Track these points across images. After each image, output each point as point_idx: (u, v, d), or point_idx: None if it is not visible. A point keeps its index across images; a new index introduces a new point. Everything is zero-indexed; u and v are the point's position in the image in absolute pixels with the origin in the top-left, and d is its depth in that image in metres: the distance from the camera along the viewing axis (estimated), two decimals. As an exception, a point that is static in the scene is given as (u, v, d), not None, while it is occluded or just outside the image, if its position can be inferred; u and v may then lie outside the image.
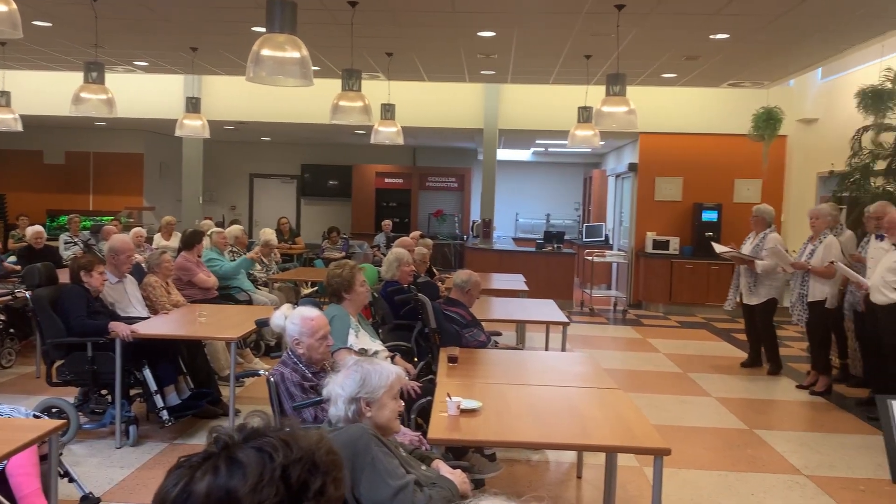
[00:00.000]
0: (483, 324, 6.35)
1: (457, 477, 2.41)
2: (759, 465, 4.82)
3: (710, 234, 11.35)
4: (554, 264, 11.74)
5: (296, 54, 4.48)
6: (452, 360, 4.09)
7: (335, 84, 7.14)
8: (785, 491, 4.37)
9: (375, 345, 4.05)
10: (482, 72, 9.94)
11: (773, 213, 7.67)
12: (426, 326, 4.97)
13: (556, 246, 12.20)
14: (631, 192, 12.46)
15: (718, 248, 7.98)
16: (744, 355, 7.99)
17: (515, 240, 15.56)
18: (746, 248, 7.55)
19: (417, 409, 3.80)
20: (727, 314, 10.49)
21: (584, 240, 14.47)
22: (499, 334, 5.60)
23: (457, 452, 3.92)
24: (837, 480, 4.58)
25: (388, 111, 8.76)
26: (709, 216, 11.54)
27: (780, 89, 10.90)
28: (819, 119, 10.79)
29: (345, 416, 2.32)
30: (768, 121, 9.68)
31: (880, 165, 7.31)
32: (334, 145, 16.55)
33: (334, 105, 6.83)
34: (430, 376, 4.31)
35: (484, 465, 4.02)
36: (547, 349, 7.19)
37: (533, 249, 12.20)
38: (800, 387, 6.92)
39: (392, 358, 4.26)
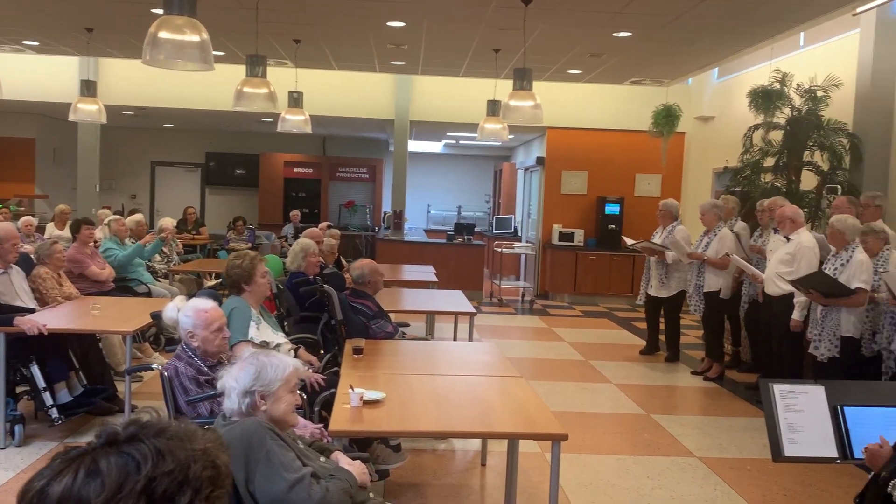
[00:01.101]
0: (393, 315, 6.35)
1: (356, 468, 2.39)
2: (654, 448, 5.03)
3: (613, 226, 11.71)
4: (464, 256, 11.85)
5: (195, 38, 4.32)
6: (357, 351, 4.06)
7: (241, 70, 6.95)
8: (678, 473, 4.58)
9: (278, 337, 3.98)
10: (392, 62, 9.90)
11: (678, 206, 7.99)
12: (332, 318, 4.92)
13: (466, 237, 12.31)
14: (539, 186, 12.70)
15: (630, 241, 8.21)
16: (643, 343, 8.29)
17: (427, 231, 15.61)
18: (656, 241, 7.80)
19: (321, 401, 3.76)
20: (639, 307, 10.88)
21: (494, 231, 14.67)
22: (407, 325, 5.60)
23: (361, 444, 3.91)
24: (727, 461, 4.83)
25: (295, 99, 8.60)
26: (611, 209, 11.90)
27: (679, 88, 11.34)
28: (715, 117, 11.30)
29: (238, 410, 2.27)
30: (667, 118, 10.06)
31: (769, 162, 7.72)
32: (241, 133, 16.13)
33: (238, 91, 6.64)
34: (336, 368, 4.27)
35: (389, 455, 4.02)
36: (455, 339, 7.25)
37: (444, 241, 12.27)
38: (694, 373, 7.25)
39: (295, 350, 4.19)
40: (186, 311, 3.11)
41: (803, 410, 3.04)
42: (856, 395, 3.02)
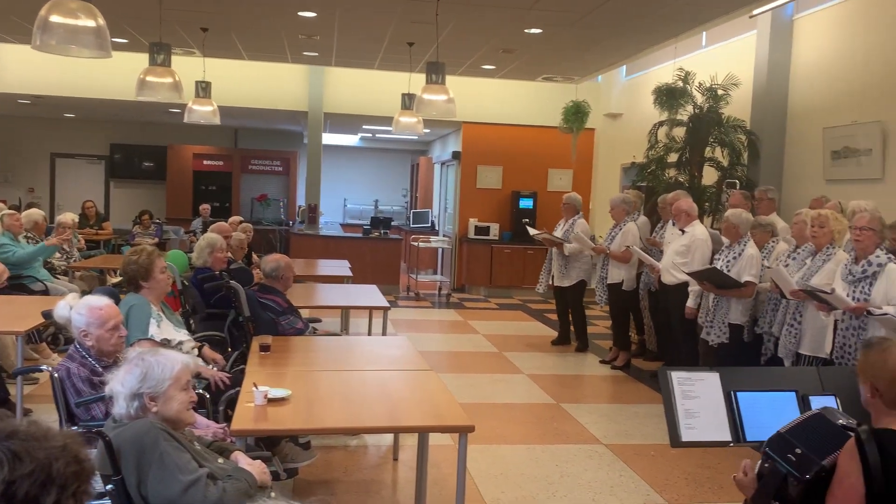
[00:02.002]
0: (307, 311, 6.25)
1: (255, 468, 2.34)
2: (563, 436, 5.14)
3: (527, 220, 11.88)
4: (381, 250, 11.79)
5: (90, 23, 4.11)
6: (265, 348, 3.98)
7: (145, 58, 6.69)
8: (585, 460, 4.69)
9: (180, 335, 3.85)
10: (305, 53, 9.73)
11: (580, 200, 8.19)
12: (240, 315, 4.80)
13: (383, 232, 12.26)
14: (455, 180, 12.77)
15: (532, 231, 8.40)
16: (555, 334, 8.46)
17: (343, 225, 15.46)
18: (558, 234, 8.00)
19: (226, 400, 3.66)
20: (541, 296, 11.08)
21: (412, 226, 14.66)
22: (318, 321, 5.53)
23: (269, 442, 3.84)
24: (631, 447, 4.98)
25: (203, 89, 8.34)
26: (525, 203, 12.09)
27: (589, 85, 11.61)
28: (623, 114, 11.62)
29: (128, 414, 2.18)
30: (577, 114, 10.29)
31: (673, 157, 8.00)
32: (147, 124, 15.52)
33: (140, 80, 6.40)
34: (243, 366, 4.16)
35: (297, 453, 3.96)
36: (370, 334, 7.22)
37: (360, 235, 12.18)
38: (603, 362, 7.45)
39: (200, 348, 4.07)
40: (79, 309, 2.97)
41: (699, 397, 3.15)
42: (747, 381, 3.16)
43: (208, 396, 3.64)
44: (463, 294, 12.06)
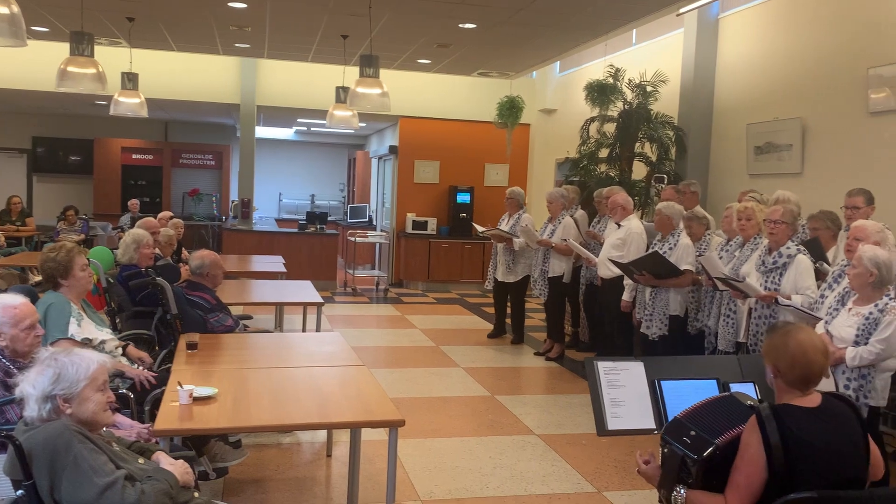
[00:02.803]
0: (239, 308, 6.14)
1: (177, 468, 2.28)
2: (497, 428, 5.19)
3: (464, 215, 11.96)
4: (317, 245, 11.67)
5: (4, 10, 3.94)
6: (191, 346, 3.90)
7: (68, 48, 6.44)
8: (518, 451, 4.75)
9: (103, 334, 3.73)
10: (237, 45, 9.53)
11: (523, 195, 8.26)
12: (167, 313, 4.68)
13: (319, 227, 12.12)
14: (392, 174, 12.73)
15: (480, 228, 8.39)
16: (492, 327, 8.53)
17: (279, 220, 15.24)
18: (503, 229, 8.01)
19: (151, 400, 3.57)
20: (478, 290, 11.16)
21: (349, 220, 14.55)
22: (249, 318, 5.44)
23: (197, 442, 3.76)
24: (564, 437, 5.07)
25: (129, 80, 8.09)
26: (463, 198, 12.14)
27: (524, 81, 11.72)
28: (557, 110, 11.78)
29: (39, 416, 2.10)
30: (510, 109, 10.37)
31: (604, 153, 8.15)
32: (72, 116, 14.96)
33: (61, 71, 6.16)
34: (170, 365, 4.06)
35: (227, 452, 3.89)
36: (304, 331, 7.14)
37: (295, 230, 12.03)
38: (537, 354, 7.56)
39: (124, 347, 3.96)
40: (-10, 309, 2.84)
41: (625, 386, 3.22)
42: (671, 370, 3.24)
43: (132, 396, 3.54)
44: (401, 289, 12.04)
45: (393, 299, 11.03)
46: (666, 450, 2.33)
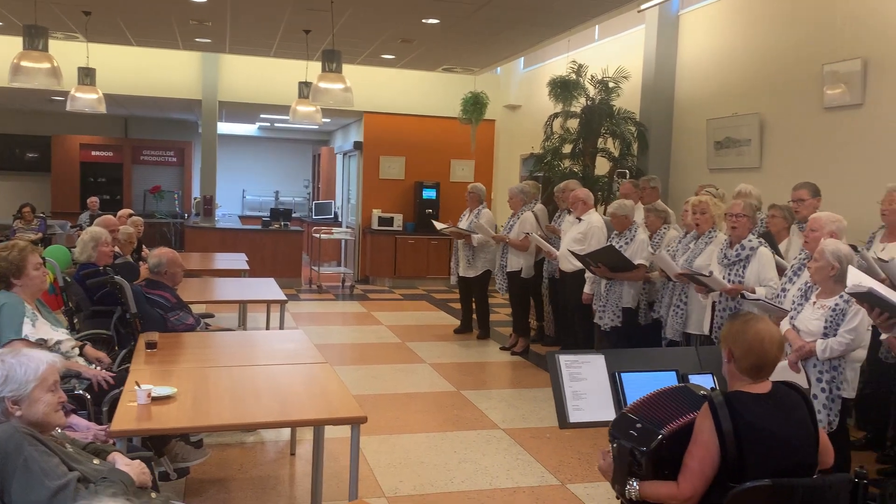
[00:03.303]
0: (202, 306, 6.07)
1: (134, 468, 2.25)
2: (462, 423, 5.20)
3: (430, 211, 11.95)
4: (281, 242, 11.57)
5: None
6: (151, 345, 3.84)
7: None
8: (483, 445, 4.77)
9: (58, 334, 3.65)
10: (197, 40, 9.40)
11: (484, 190, 8.28)
12: (126, 312, 4.60)
13: (283, 223, 12.02)
14: (357, 170, 12.67)
15: (439, 225, 8.40)
16: (458, 323, 8.54)
17: (242, 218, 15.09)
18: (463, 224, 8.04)
19: (109, 400, 3.50)
20: (445, 286, 11.17)
21: (314, 217, 14.46)
22: (211, 316, 5.38)
23: (158, 442, 3.71)
24: (528, 431, 5.10)
25: (86, 76, 7.94)
26: (429, 194, 12.13)
27: (489, 76, 11.75)
28: (522, 105, 11.83)
29: (-13, 419, 2.05)
30: (475, 105, 10.39)
31: (567, 148, 8.21)
32: (29, 112, 14.62)
33: (14, 65, 6.02)
34: (128, 365, 4.00)
35: (188, 452, 3.84)
36: (268, 328, 7.08)
37: (259, 227, 11.91)
38: (503, 348, 7.59)
39: (81, 347, 3.88)
40: (-61, 310, 2.76)
41: (586, 378, 3.25)
42: (631, 362, 3.28)
43: (89, 397, 3.48)
44: (367, 285, 12.00)
45: (359, 296, 10.98)
46: (615, 445, 2.36)
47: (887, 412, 4.76)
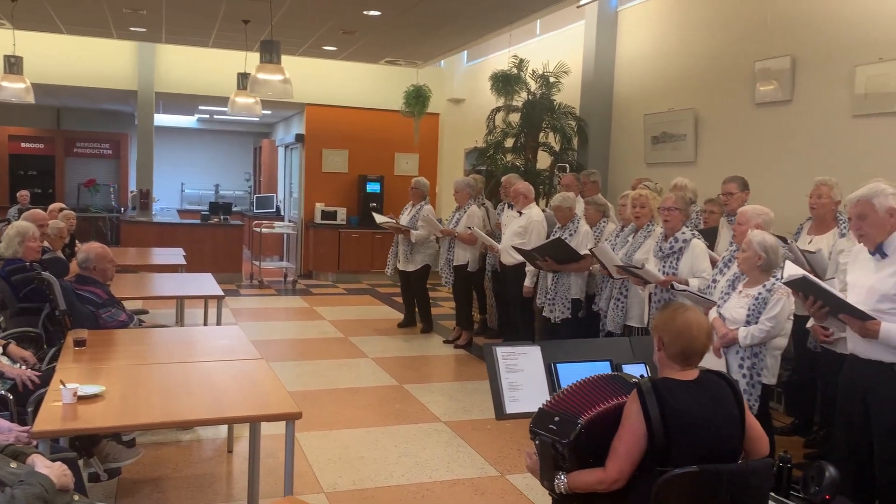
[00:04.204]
0: (138, 302, 5.91)
1: (54, 470, 2.17)
2: (404, 417, 5.20)
3: (374, 204, 11.87)
4: (220, 237, 11.35)
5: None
6: (79, 343, 3.72)
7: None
8: (424, 438, 4.78)
9: (-22, 332, 3.51)
10: (132, 28, 9.13)
11: (428, 185, 8.27)
12: (55, 309, 4.45)
13: (223, 217, 11.79)
14: (299, 163, 12.51)
15: (379, 218, 8.35)
16: (402, 317, 8.53)
17: (181, 212, 14.76)
18: (405, 219, 8.01)
19: (34, 401, 3.38)
20: (389, 278, 11.12)
21: (256, 211, 14.23)
22: (145, 312, 5.25)
23: (87, 443, 3.60)
24: (470, 423, 5.13)
25: (12, 64, 7.63)
26: (372, 188, 12.06)
27: (433, 70, 11.73)
28: (465, 99, 11.85)
29: None
30: (417, 98, 10.36)
31: (509, 142, 8.26)
32: (-47, 102, 13.99)
33: (-68, 52, 5.73)
34: (56, 364, 3.87)
35: (120, 452, 3.74)
36: (206, 325, 6.94)
37: (198, 221, 11.66)
38: (446, 342, 7.61)
39: (5, 346, 3.74)
40: None
41: (523, 370, 3.29)
42: (566, 353, 3.33)
43: (12, 398, 3.35)
44: (310, 280, 11.88)
45: (301, 291, 10.87)
46: (537, 441, 2.39)
47: (814, 399, 4.95)
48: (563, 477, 2.33)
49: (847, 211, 3.34)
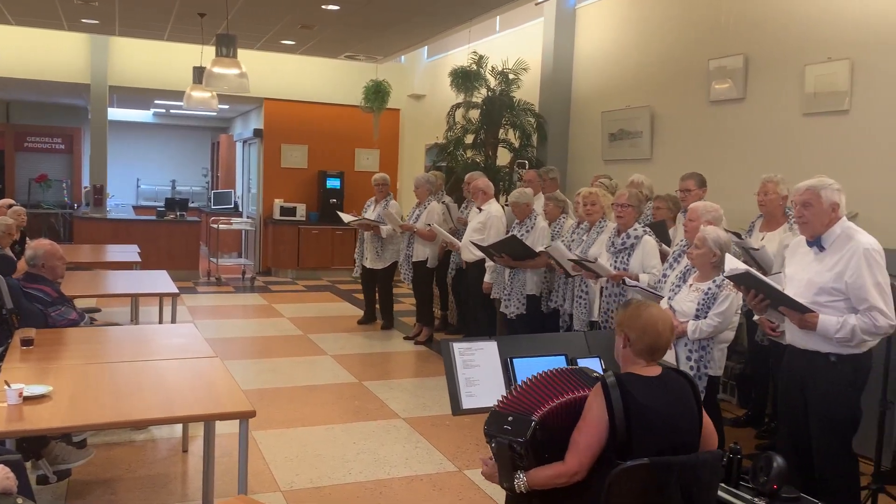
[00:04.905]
0: (92, 300, 5.78)
1: (-5, 474, 2.12)
2: (363, 414, 5.18)
3: (335, 200, 11.81)
4: (177, 233, 11.17)
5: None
6: (27, 342, 3.63)
7: None
8: (383, 435, 4.76)
9: (-81, 333, 3.40)
10: (84, 20, 8.92)
11: (389, 180, 8.22)
12: (2, 308, 4.33)
13: (179, 214, 11.60)
14: (258, 159, 12.36)
15: (346, 217, 8.22)
16: (362, 314, 8.48)
17: (137, 208, 14.49)
18: (369, 214, 7.94)
19: (-22, 402, 3.28)
20: (350, 276, 11.06)
21: (213, 207, 14.03)
22: (97, 311, 5.14)
23: (34, 444, 3.52)
24: (429, 419, 5.13)
25: (-43, 56, 7.39)
26: (332, 183, 11.98)
27: (394, 65, 11.69)
28: (426, 95, 11.84)
29: None
30: (377, 93, 10.32)
31: (469, 139, 8.27)
32: None
33: None
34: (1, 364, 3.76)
35: (69, 453, 3.66)
36: (161, 322, 6.82)
37: (153, 218, 11.45)
38: (407, 338, 7.60)
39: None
40: None
41: (479, 365, 3.30)
42: (523, 348, 3.35)
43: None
44: (269, 277, 11.75)
45: (260, 288, 10.75)
46: (493, 444, 2.40)
47: (766, 391, 5.06)
48: (522, 476, 2.34)
49: (792, 197, 3.43)
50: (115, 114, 13.58)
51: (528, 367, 3.28)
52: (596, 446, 2.31)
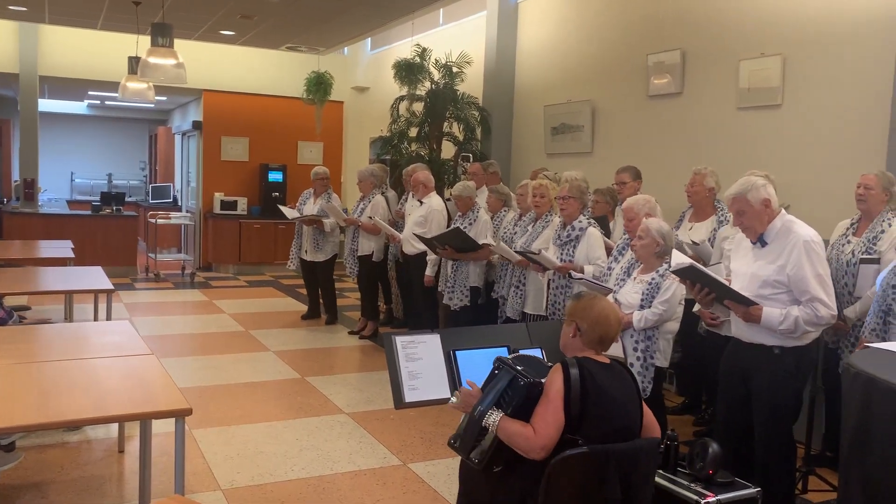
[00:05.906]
0: (23, 297, 5.56)
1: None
2: (306, 410, 5.12)
3: (277, 194, 11.63)
4: (113, 228, 10.84)
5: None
6: (-52, 342, 3.46)
7: None
8: (326, 431, 4.71)
9: None
10: (11, 7, 8.56)
11: (329, 174, 8.12)
12: (-78, 306, 4.14)
13: (115, 208, 11.26)
14: (197, 152, 12.08)
15: (290, 213, 8.08)
16: (306, 309, 8.39)
17: (71, 203, 13.99)
18: (308, 208, 7.84)
19: None
20: (293, 272, 10.92)
21: (151, 201, 13.67)
22: (27, 308, 4.95)
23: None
24: (373, 413, 5.10)
25: None
26: (275, 177, 11.80)
27: (337, 57, 11.57)
28: (370, 88, 11.75)
29: None
30: (319, 85, 10.20)
31: (414, 132, 8.25)
32: None
33: None
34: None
35: (-3, 457, 3.52)
36: (96, 320, 6.61)
37: (88, 213, 11.09)
38: (352, 333, 7.54)
39: None
40: None
41: (422, 358, 3.29)
42: (465, 340, 3.35)
43: None
44: (209, 273, 11.52)
45: (200, 284, 10.52)
46: (497, 371, 2.56)
47: (703, 380, 5.19)
48: (498, 414, 2.46)
49: (726, 207, 3.51)
50: (47, 105, 13.11)
51: (471, 360, 3.29)
52: (560, 422, 2.40)
